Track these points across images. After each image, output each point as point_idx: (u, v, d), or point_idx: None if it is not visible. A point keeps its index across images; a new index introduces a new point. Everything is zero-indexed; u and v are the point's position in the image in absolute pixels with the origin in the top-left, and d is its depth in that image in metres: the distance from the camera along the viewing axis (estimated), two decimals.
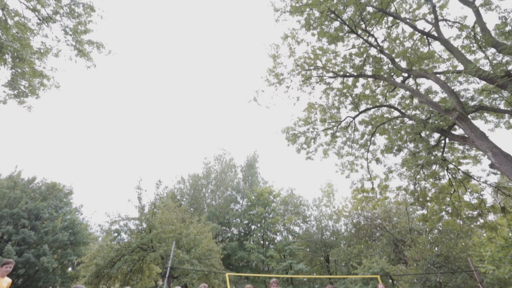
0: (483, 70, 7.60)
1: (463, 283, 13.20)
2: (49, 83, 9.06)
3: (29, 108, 8.84)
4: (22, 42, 7.70)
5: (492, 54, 8.83)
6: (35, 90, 8.70)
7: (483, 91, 9.72)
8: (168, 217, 11.54)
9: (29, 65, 8.13)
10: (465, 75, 9.38)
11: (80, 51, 8.73)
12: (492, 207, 10.87)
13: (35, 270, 24.18)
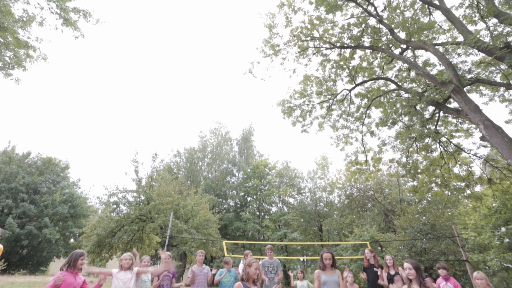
0: (483, 42, 7.46)
1: (446, 248, 14.03)
2: (36, 55, 8.70)
3: (17, 81, 8.57)
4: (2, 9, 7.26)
5: (494, 24, 8.62)
6: (21, 62, 8.37)
7: (481, 64, 9.62)
8: (166, 189, 11.78)
9: (12, 34, 7.73)
10: (464, 46, 9.21)
11: (65, 20, 8.29)
12: (479, 178, 11.25)
13: (38, 241, 24.97)
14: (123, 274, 3.85)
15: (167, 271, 4.89)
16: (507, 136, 7.03)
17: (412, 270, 3.02)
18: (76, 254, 3.48)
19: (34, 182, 26.57)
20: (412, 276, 3.02)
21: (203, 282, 5.17)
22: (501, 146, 6.93)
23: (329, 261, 3.63)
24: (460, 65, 9.80)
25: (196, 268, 5.28)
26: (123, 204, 12.35)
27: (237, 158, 32.90)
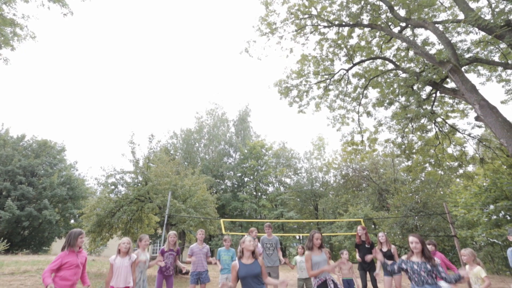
0: (483, 19, 7.32)
1: (436, 225, 14.54)
2: (23, 33, 8.38)
3: (5, 61, 8.31)
4: None
5: (496, 1, 8.42)
6: (8, 41, 8.07)
7: (480, 43, 9.49)
8: (163, 170, 11.84)
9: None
10: (464, 24, 9.04)
11: None
12: (472, 158, 11.47)
13: (39, 222, 25.33)
14: (120, 260, 3.90)
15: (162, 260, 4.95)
16: (501, 116, 7.09)
17: (418, 244, 3.16)
18: (74, 233, 3.52)
19: (30, 164, 26.52)
20: (417, 250, 3.15)
21: (202, 259, 5.33)
22: (494, 126, 7.01)
23: (317, 241, 3.76)
24: (459, 44, 9.67)
25: (196, 246, 5.42)
26: (121, 185, 12.44)
27: (234, 139, 32.91)
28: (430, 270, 3.02)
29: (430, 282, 2.99)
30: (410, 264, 3.16)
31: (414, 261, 3.15)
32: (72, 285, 3.30)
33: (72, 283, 3.29)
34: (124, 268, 3.84)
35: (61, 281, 3.21)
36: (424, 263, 3.07)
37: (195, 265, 5.27)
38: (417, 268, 3.08)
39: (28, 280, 7.94)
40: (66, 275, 3.24)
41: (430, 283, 2.99)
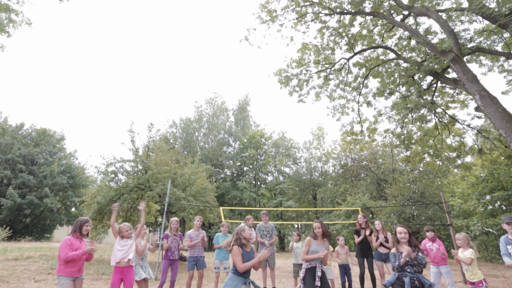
0: (488, 8, 7.20)
1: (433, 214, 14.74)
2: (19, 19, 8.24)
3: (1, 48, 8.19)
4: None
5: None
6: (3, 27, 7.94)
7: (483, 32, 9.35)
8: (163, 158, 11.88)
9: None
10: (468, 13, 8.88)
11: None
12: (470, 149, 11.51)
13: (41, 210, 25.61)
14: (124, 240, 4.03)
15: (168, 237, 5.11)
16: (501, 106, 7.08)
17: (406, 235, 3.32)
18: (81, 221, 3.63)
19: (30, 153, 26.56)
20: (405, 240, 3.28)
21: (199, 246, 5.47)
22: (494, 116, 7.01)
23: (318, 230, 3.83)
24: (462, 33, 9.54)
25: (193, 232, 5.54)
26: (121, 173, 12.51)
27: (233, 128, 32.87)
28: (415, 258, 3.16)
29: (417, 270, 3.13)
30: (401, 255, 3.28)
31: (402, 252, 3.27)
32: (79, 270, 3.41)
33: (79, 268, 3.40)
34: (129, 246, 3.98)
35: (69, 269, 3.31)
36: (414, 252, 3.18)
37: (192, 251, 5.40)
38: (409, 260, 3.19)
39: (32, 265, 8.10)
40: (71, 263, 3.33)
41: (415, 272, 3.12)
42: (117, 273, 3.84)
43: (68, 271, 3.31)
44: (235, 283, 2.98)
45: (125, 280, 3.86)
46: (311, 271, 3.67)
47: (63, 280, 3.28)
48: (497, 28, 8.21)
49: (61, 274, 3.29)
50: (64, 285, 3.27)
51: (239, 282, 2.98)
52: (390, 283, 3.25)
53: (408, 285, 3.03)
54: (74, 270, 3.36)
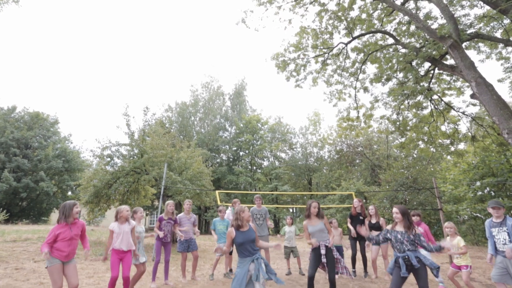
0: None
1: (424, 200, 15.11)
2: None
3: None
4: None
5: None
6: None
7: (484, 18, 9.24)
8: (158, 142, 11.84)
9: None
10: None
11: None
12: (464, 136, 11.65)
13: (37, 194, 25.65)
14: (121, 227, 4.03)
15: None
16: (496, 94, 7.12)
17: (398, 214, 3.39)
18: (69, 205, 3.52)
19: (24, 137, 26.26)
20: (398, 220, 3.37)
21: (190, 228, 5.58)
22: (489, 104, 7.06)
23: (314, 209, 3.92)
24: (462, 19, 9.41)
25: (183, 216, 5.63)
26: (117, 157, 12.49)
27: (229, 113, 32.67)
28: (412, 239, 3.23)
29: (411, 249, 3.21)
30: (394, 233, 3.37)
31: (398, 230, 3.36)
32: (67, 255, 3.42)
33: (67, 254, 3.41)
34: (125, 234, 4.01)
35: (56, 251, 3.34)
36: (407, 233, 3.27)
37: (183, 233, 5.50)
38: (400, 237, 3.29)
39: (30, 246, 8.22)
40: (60, 246, 3.35)
41: (411, 250, 3.21)
42: (116, 254, 3.93)
43: (56, 254, 3.34)
44: (243, 264, 3.08)
45: (124, 262, 3.95)
46: (316, 251, 3.80)
47: (52, 259, 3.31)
48: (498, 14, 8.12)
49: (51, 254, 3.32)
50: (54, 264, 3.29)
51: (247, 262, 3.06)
52: (391, 269, 3.35)
53: (403, 266, 3.13)
54: (62, 255, 3.37)
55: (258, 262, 3.06)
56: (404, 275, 3.13)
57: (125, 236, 3.99)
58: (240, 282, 2.95)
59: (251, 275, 3.04)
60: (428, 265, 3.13)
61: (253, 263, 3.06)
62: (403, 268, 3.13)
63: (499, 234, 3.67)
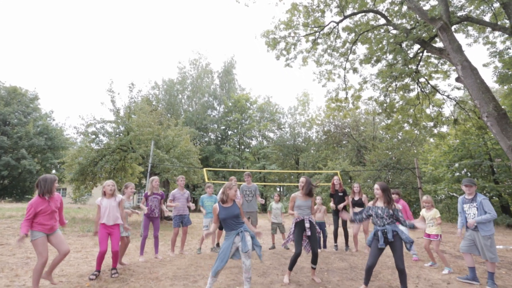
0: None
1: (406, 180, 15.75)
2: None
3: None
4: None
5: None
6: None
7: (474, 1, 9.25)
8: (145, 120, 11.61)
9: None
10: None
11: None
12: (447, 119, 12.02)
13: (19, 172, 24.98)
14: (107, 201, 4.04)
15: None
16: (480, 78, 7.29)
17: (379, 190, 3.55)
18: (50, 179, 3.45)
19: (1, 113, 25.10)
20: (379, 195, 3.55)
21: (183, 204, 5.67)
22: (472, 87, 7.25)
23: (303, 184, 4.02)
24: (454, 1, 9.39)
25: (177, 192, 5.69)
26: (102, 134, 12.21)
27: (218, 92, 32.12)
28: (391, 214, 3.41)
29: (390, 223, 3.41)
30: (375, 209, 3.55)
31: (378, 206, 3.54)
32: (51, 228, 3.42)
33: (50, 226, 3.41)
34: (112, 208, 4.02)
35: (39, 226, 3.33)
36: (387, 208, 3.45)
37: (177, 209, 5.59)
38: (381, 212, 3.47)
39: (15, 223, 8.14)
40: (42, 221, 3.33)
41: (390, 224, 3.40)
42: (103, 228, 3.96)
43: (39, 228, 3.33)
44: (228, 237, 3.22)
45: (112, 236, 3.99)
46: (300, 224, 3.94)
47: (35, 233, 3.30)
48: None
49: (33, 229, 3.30)
50: (38, 238, 3.28)
51: (232, 235, 3.19)
52: (370, 241, 3.55)
53: (381, 238, 3.34)
54: (45, 228, 3.37)
55: (243, 235, 3.18)
56: (381, 246, 3.34)
57: (112, 210, 4.01)
58: (225, 253, 3.10)
59: (237, 247, 3.18)
60: (404, 239, 3.34)
61: (238, 236, 3.19)
62: (381, 240, 3.33)
63: (470, 210, 3.94)
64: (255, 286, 3.64)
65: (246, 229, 3.29)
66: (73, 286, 3.50)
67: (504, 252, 6.31)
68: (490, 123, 6.90)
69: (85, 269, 4.30)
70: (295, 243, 3.88)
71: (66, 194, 29.14)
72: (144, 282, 3.76)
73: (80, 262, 4.80)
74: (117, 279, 3.85)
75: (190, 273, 4.25)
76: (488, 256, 3.72)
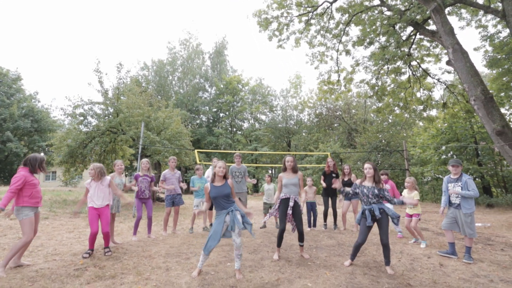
0: None
1: (394, 162, 16.13)
2: None
3: None
4: None
5: None
6: None
7: None
8: (135, 101, 11.36)
9: None
10: None
11: None
12: (436, 103, 12.20)
13: (5, 155, 24.41)
14: (95, 183, 4.04)
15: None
16: (470, 61, 7.36)
17: (371, 170, 3.66)
18: (40, 159, 3.45)
19: None
20: (370, 174, 3.65)
21: (175, 184, 5.74)
22: (462, 71, 7.33)
23: (290, 163, 4.10)
24: None
25: (168, 172, 5.71)
26: (91, 116, 11.94)
27: (209, 73, 31.49)
28: (378, 193, 3.53)
29: (377, 202, 3.54)
30: (362, 188, 3.67)
31: (365, 185, 3.66)
32: (39, 201, 3.44)
33: (40, 199, 3.43)
34: (100, 190, 4.03)
35: (31, 199, 3.31)
36: (374, 187, 3.57)
37: (169, 190, 5.64)
38: (367, 192, 3.59)
39: None
40: (34, 193, 3.33)
41: (377, 203, 3.53)
42: (92, 210, 3.98)
43: (31, 202, 3.32)
44: (219, 216, 3.27)
45: (102, 217, 4.02)
46: (285, 201, 4.04)
47: (25, 211, 3.29)
48: None
49: (25, 204, 3.28)
50: (28, 217, 3.29)
51: (223, 214, 3.25)
52: (359, 220, 3.69)
53: (369, 217, 3.48)
54: (37, 202, 3.39)
55: (233, 214, 3.26)
56: (369, 224, 3.50)
57: (100, 192, 4.02)
58: (216, 232, 3.17)
59: (227, 225, 3.25)
60: (391, 215, 3.49)
61: (229, 215, 3.26)
62: (368, 219, 3.47)
63: (454, 188, 4.10)
64: (246, 262, 3.77)
65: (237, 208, 3.35)
66: (67, 264, 3.55)
67: (482, 229, 6.66)
68: (477, 107, 7.05)
69: (78, 248, 4.35)
70: (279, 219, 4.01)
71: (56, 177, 28.78)
72: (137, 259, 3.84)
73: (73, 241, 4.84)
74: (110, 257, 3.92)
75: (182, 251, 4.36)
76: (467, 232, 3.93)
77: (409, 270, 3.53)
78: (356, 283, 3.06)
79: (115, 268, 3.43)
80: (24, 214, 3.28)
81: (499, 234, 5.99)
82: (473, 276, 3.35)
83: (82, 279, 3.06)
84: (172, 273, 3.32)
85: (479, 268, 3.64)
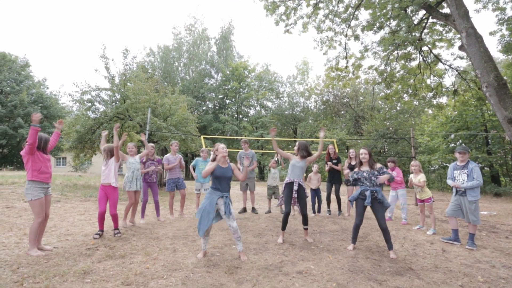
0: None
1: (401, 150, 15.98)
2: None
3: None
4: None
5: None
6: None
7: None
8: (141, 87, 11.39)
9: None
10: None
11: None
12: (447, 90, 11.89)
13: (17, 141, 25.00)
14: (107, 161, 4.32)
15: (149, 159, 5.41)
16: (484, 46, 7.10)
17: (367, 155, 3.79)
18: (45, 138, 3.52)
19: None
20: (365, 160, 3.76)
21: (177, 168, 5.89)
22: (475, 56, 7.09)
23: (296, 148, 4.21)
24: None
25: (170, 156, 5.83)
26: (98, 102, 12.05)
27: (215, 59, 31.14)
28: (376, 174, 3.68)
29: (374, 185, 3.67)
30: (361, 173, 3.75)
31: (364, 169, 3.75)
32: (49, 178, 3.50)
33: (49, 175, 3.50)
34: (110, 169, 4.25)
35: (41, 175, 3.39)
36: (371, 171, 3.71)
37: (171, 173, 5.76)
38: (366, 175, 3.74)
39: (18, 189, 8.34)
40: (43, 168, 3.39)
41: (374, 185, 3.67)
42: (102, 189, 4.16)
43: (41, 177, 3.37)
44: (212, 196, 3.31)
45: (110, 198, 4.18)
46: (289, 185, 4.13)
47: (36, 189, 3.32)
48: None
49: (35, 179, 3.32)
50: (37, 198, 3.32)
51: (216, 196, 3.30)
52: (354, 198, 3.78)
53: (369, 197, 3.56)
54: (47, 177, 3.44)
55: (227, 200, 3.31)
56: (367, 203, 3.62)
57: (110, 171, 4.20)
58: (209, 212, 3.21)
59: (218, 209, 3.31)
60: (384, 204, 3.57)
61: (222, 199, 3.31)
62: (368, 199, 3.59)
63: (460, 176, 4.08)
64: (251, 245, 3.88)
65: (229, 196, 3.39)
66: (79, 243, 3.71)
67: (487, 217, 6.64)
68: (489, 93, 6.86)
69: (89, 230, 4.52)
70: (285, 203, 4.10)
71: (66, 162, 29.44)
72: (145, 241, 3.98)
73: (84, 223, 5.02)
74: (119, 238, 4.08)
75: (189, 233, 4.49)
76: (471, 219, 3.94)
77: (412, 255, 3.58)
78: (358, 266, 3.13)
79: (125, 249, 3.57)
80: (33, 195, 3.30)
81: (505, 222, 5.97)
82: (475, 261, 3.39)
83: (94, 258, 3.20)
84: (179, 254, 3.44)
85: (482, 254, 3.66)
